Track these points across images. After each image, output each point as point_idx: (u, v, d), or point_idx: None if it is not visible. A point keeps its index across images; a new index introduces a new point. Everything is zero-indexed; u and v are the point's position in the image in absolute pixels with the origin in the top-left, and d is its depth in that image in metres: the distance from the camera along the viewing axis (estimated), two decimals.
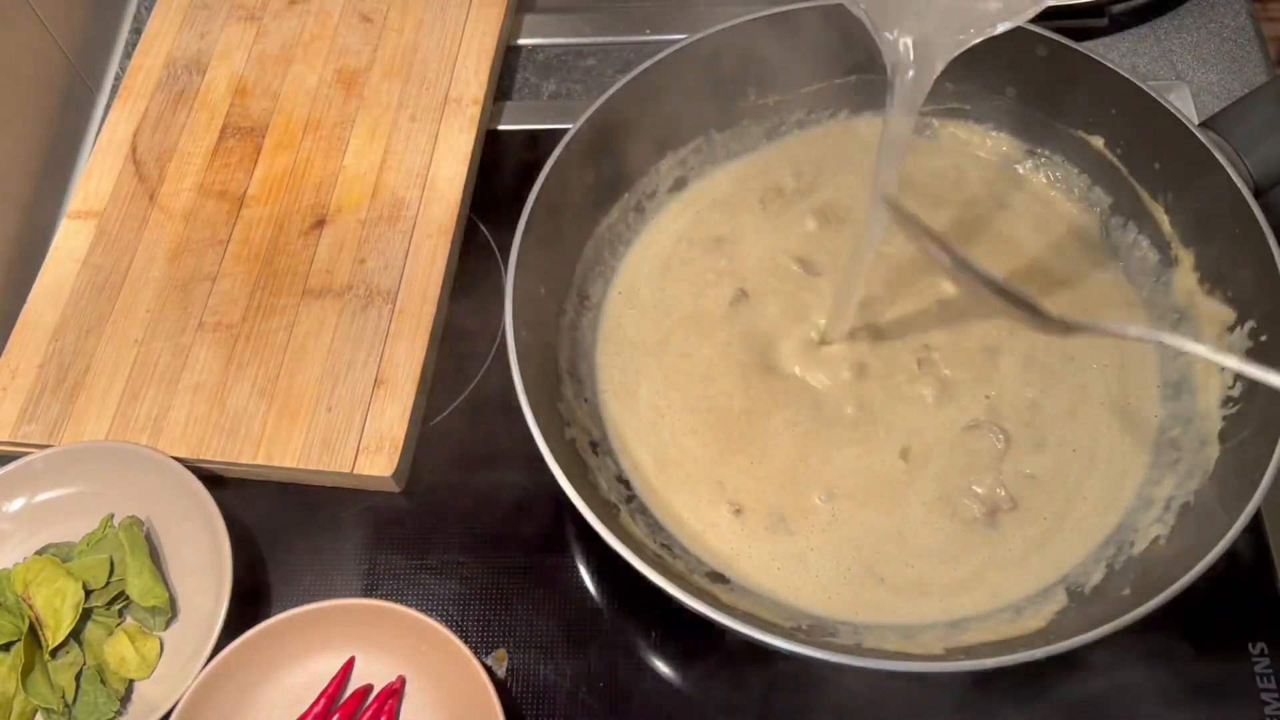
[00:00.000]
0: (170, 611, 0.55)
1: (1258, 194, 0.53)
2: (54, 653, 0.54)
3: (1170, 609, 0.44)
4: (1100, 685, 0.53)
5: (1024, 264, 0.60)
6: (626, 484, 0.55)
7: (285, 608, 0.53)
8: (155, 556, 0.56)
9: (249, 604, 0.57)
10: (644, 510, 0.54)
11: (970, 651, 0.48)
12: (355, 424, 0.59)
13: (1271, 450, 0.47)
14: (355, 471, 0.57)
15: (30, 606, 0.53)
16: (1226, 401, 0.52)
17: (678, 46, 0.58)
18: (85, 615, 0.55)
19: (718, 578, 0.52)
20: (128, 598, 0.55)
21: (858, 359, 0.57)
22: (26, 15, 0.69)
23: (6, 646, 0.54)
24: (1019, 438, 0.54)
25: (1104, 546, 0.52)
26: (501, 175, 0.70)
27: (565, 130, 0.56)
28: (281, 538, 0.59)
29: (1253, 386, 0.52)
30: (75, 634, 0.54)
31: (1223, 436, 0.51)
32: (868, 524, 0.53)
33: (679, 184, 0.63)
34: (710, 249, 0.61)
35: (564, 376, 0.56)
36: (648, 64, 0.58)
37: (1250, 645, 0.53)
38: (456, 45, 0.72)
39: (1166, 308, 0.57)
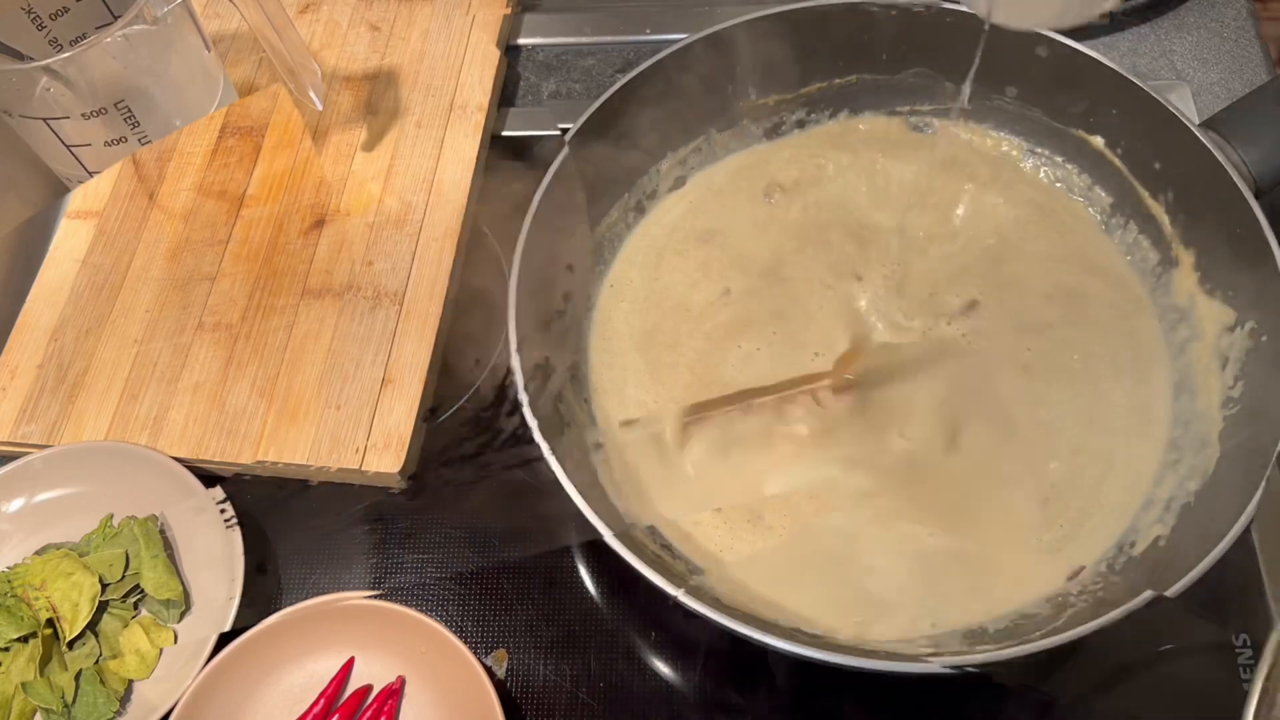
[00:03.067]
0: (185, 604, 0.56)
1: (1259, 194, 0.53)
2: (70, 644, 0.54)
3: (1154, 602, 0.44)
4: (1084, 676, 0.53)
5: (1023, 264, 0.60)
6: None
7: (295, 602, 0.54)
8: (169, 551, 0.56)
9: (261, 598, 0.57)
10: None
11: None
12: (363, 422, 0.59)
13: (1272, 450, 0.47)
14: (363, 468, 0.57)
15: (47, 600, 0.54)
16: (1227, 402, 0.52)
17: (677, 46, 0.58)
18: (101, 608, 0.55)
19: (720, 582, 0.53)
20: (142, 591, 0.56)
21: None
22: None
23: (16, 643, 0.54)
24: (1038, 445, 0.54)
25: (1108, 549, 0.52)
26: (504, 177, 0.70)
27: (566, 130, 0.56)
28: (283, 539, 0.59)
29: (1253, 388, 0.52)
30: (91, 626, 0.55)
31: (1223, 437, 0.51)
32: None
33: (679, 182, 0.63)
34: (704, 240, 0.61)
35: (565, 377, 0.56)
36: (646, 65, 0.58)
37: (1234, 637, 0.53)
38: (461, 54, 0.72)
39: (1166, 308, 0.57)
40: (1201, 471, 0.51)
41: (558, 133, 0.60)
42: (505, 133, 0.72)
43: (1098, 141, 0.59)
